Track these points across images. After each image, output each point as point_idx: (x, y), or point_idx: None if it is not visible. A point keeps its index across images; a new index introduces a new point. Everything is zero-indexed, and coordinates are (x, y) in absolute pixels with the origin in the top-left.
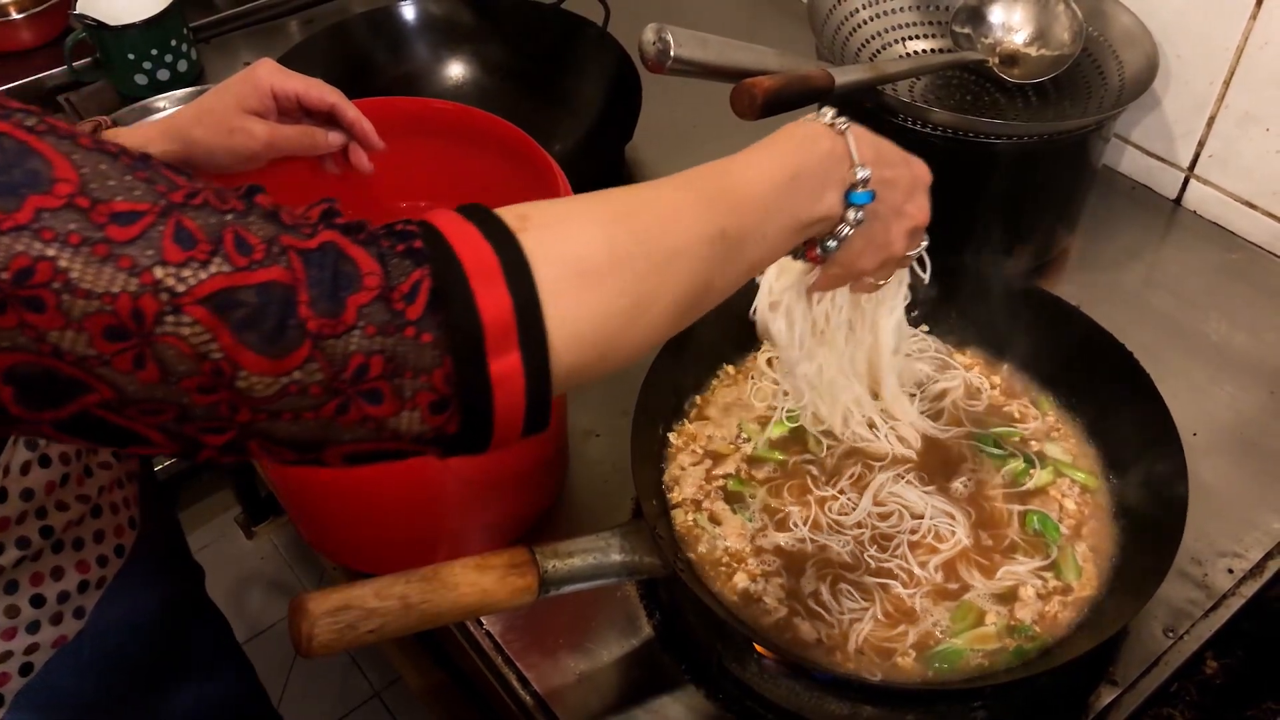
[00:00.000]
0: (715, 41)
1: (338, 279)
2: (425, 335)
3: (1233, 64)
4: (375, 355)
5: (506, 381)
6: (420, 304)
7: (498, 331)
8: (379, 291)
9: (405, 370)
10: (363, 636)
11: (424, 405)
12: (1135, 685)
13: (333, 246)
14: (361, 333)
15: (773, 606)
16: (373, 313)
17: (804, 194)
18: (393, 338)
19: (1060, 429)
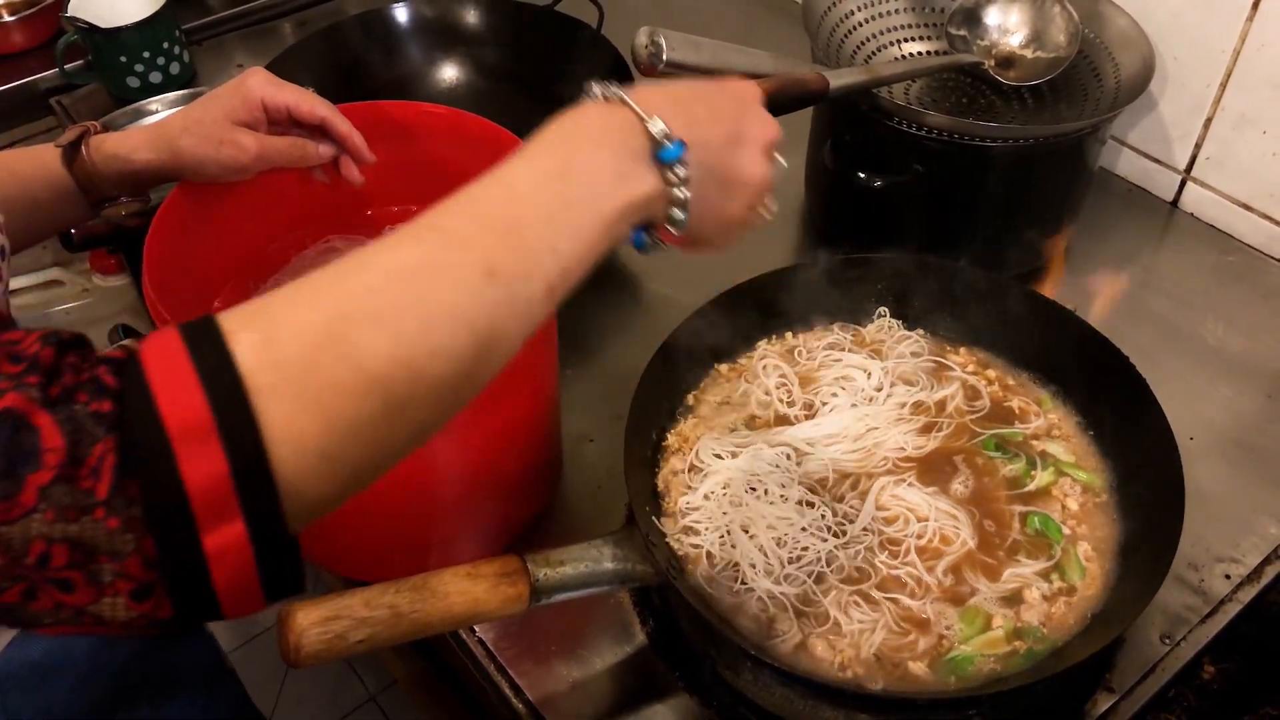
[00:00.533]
0: (709, 44)
1: (15, 455)
2: (112, 521)
3: (1229, 66)
4: (58, 544)
5: (227, 556)
6: (105, 482)
7: (210, 501)
8: (59, 470)
9: (98, 556)
10: (352, 647)
11: (124, 593)
12: (1132, 692)
13: (13, 414)
14: (41, 518)
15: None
16: (55, 494)
17: (594, 183)
18: (77, 523)
19: (1061, 427)
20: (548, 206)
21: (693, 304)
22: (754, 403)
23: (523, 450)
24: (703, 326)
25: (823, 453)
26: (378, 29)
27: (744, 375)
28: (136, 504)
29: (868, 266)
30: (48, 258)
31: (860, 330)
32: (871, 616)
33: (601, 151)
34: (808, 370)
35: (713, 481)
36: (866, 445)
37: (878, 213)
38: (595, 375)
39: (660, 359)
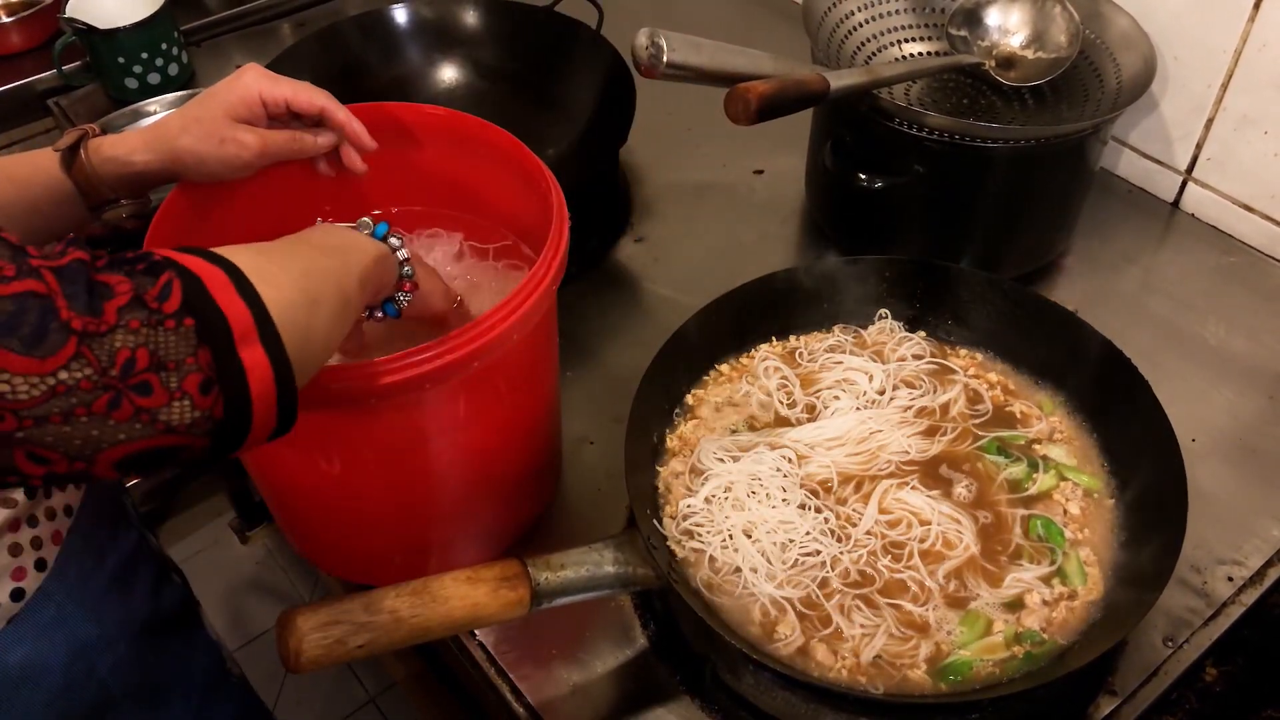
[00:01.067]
0: (709, 46)
1: (92, 290)
2: (186, 320)
3: (1231, 66)
4: (141, 348)
5: (256, 368)
6: (175, 300)
7: (241, 328)
8: (132, 295)
9: (169, 361)
10: (352, 652)
11: (193, 390)
12: (1135, 695)
13: (81, 264)
14: (125, 329)
15: (777, 618)
16: (132, 312)
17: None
18: (155, 330)
19: (1063, 431)
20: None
21: (693, 305)
22: (755, 404)
23: (523, 452)
24: (704, 328)
25: (825, 455)
26: (376, 30)
27: (745, 376)
28: (193, 324)
29: (868, 268)
30: None
31: (861, 332)
32: (873, 621)
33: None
34: (809, 372)
35: (714, 484)
36: (870, 448)
37: (878, 214)
38: (595, 377)
39: (661, 360)
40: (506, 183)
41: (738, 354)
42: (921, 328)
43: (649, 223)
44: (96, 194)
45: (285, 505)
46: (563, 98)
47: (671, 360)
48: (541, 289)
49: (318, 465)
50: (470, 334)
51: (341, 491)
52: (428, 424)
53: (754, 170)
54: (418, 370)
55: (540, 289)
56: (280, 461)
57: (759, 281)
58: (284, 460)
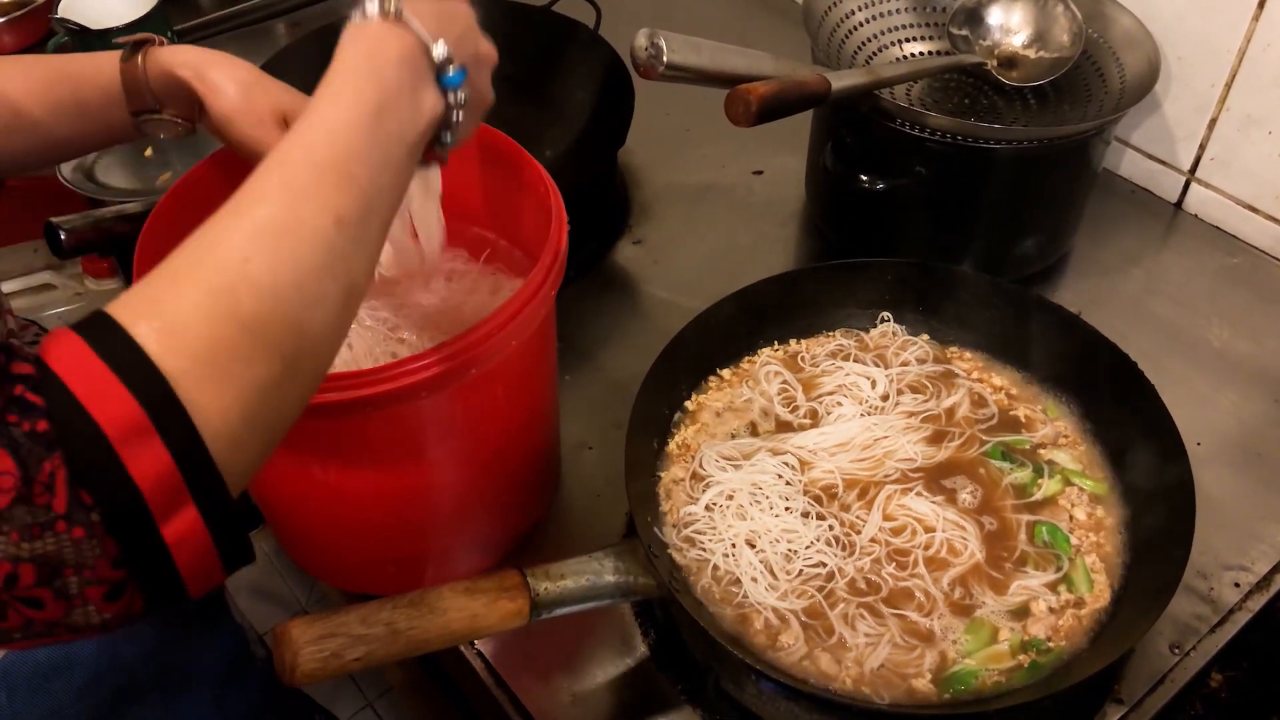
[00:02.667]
0: (709, 46)
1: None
2: (77, 530)
3: (1234, 66)
4: (24, 564)
5: (187, 541)
6: (61, 496)
7: (162, 494)
8: (16, 492)
9: (64, 569)
10: (348, 665)
11: (96, 599)
12: (1142, 703)
13: None
14: (6, 540)
15: (780, 628)
16: (14, 516)
17: (401, 117)
18: (41, 539)
19: (1068, 435)
20: (370, 148)
21: (692, 308)
22: (756, 409)
23: (521, 459)
24: (704, 332)
25: (829, 461)
26: None
27: (746, 381)
28: (94, 510)
29: (870, 271)
30: (40, 261)
31: (863, 336)
32: (877, 630)
33: (402, 82)
34: (811, 376)
35: (715, 491)
36: (875, 455)
37: (879, 215)
38: (594, 381)
39: (661, 365)
40: (503, 185)
41: (738, 358)
42: (924, 331)
43: (647, 225)
44: (139, 97)
45: (280, 514)
46: (560, 98)
47: (671, 365)
48: (540, 294)
49: (312, 474)
50: (467, 340)
51: (337, 500)
52: (424, 432)
53: (753, 171)
54: (414, 378)
55: (538, 294)
56: (274, 470)
57: (759, 285)
58: (278, 469)
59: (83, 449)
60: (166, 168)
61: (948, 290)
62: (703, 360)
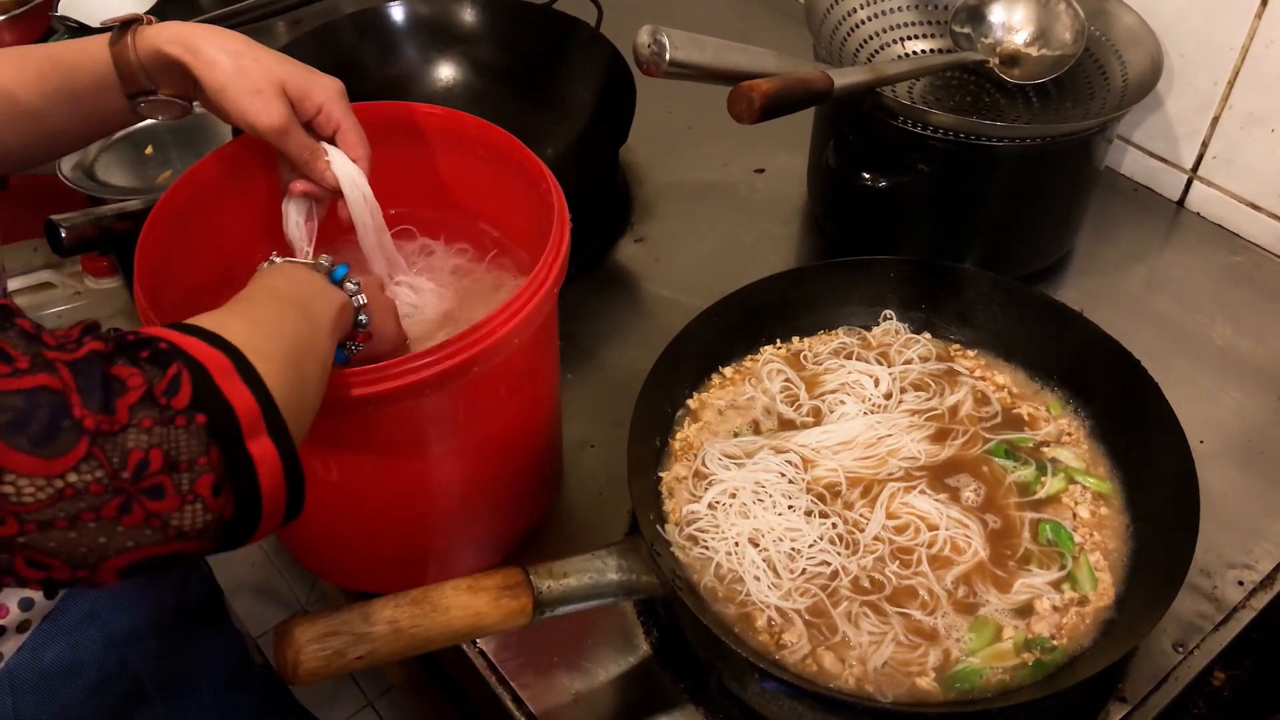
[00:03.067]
0: (712, 44)
1: (107, 385)
2: (198, 417)
3: (1237, 64)
4: (154, 449)
5: (265, 461)
6: (184, 395)
7: (249, 420)
8: (145, 390)
9: (180, 462)
10: (351, 663)
11: (205, 492)
12: (1145, 701)
13: (97, 356)
14: (138, 428)
15: (783, 626)
16: (144, 409)
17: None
18: (167, 428)
19: (1071, 433)
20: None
21: (693, 306)
22: (759, 407)
23: (524, 457)
24: (706, 330)
25: (832, 459)
26: (373, 28)
27: (748, 380)
28: (204, 421)
29: (872, 269)
30: (39, 260)
31: (866, 334)
32: (881, 628)
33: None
34: (813, 374)
35: (718, 489)
36: (879, 453)
37: (881, 213)
38: (595, 379)
39: (663, 364)
40: (505, 183)
41: (741, 357)
42: (927, 329)
43: (649, 223)
44: (133, 80)
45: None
46: (561, 96)
47: (674, 363)
48: (542, 292)
49: (315, 472)
50: (470, 339)
51: (339, 499)
52: (427, 430)
53: (755, 169)
54: (417, 376)
55: (541, 292)
56: None
57: (762, 283)
58: None
59: (195, 373)
60: (166, 166)
61: (950, 288)
62: (705, 358)
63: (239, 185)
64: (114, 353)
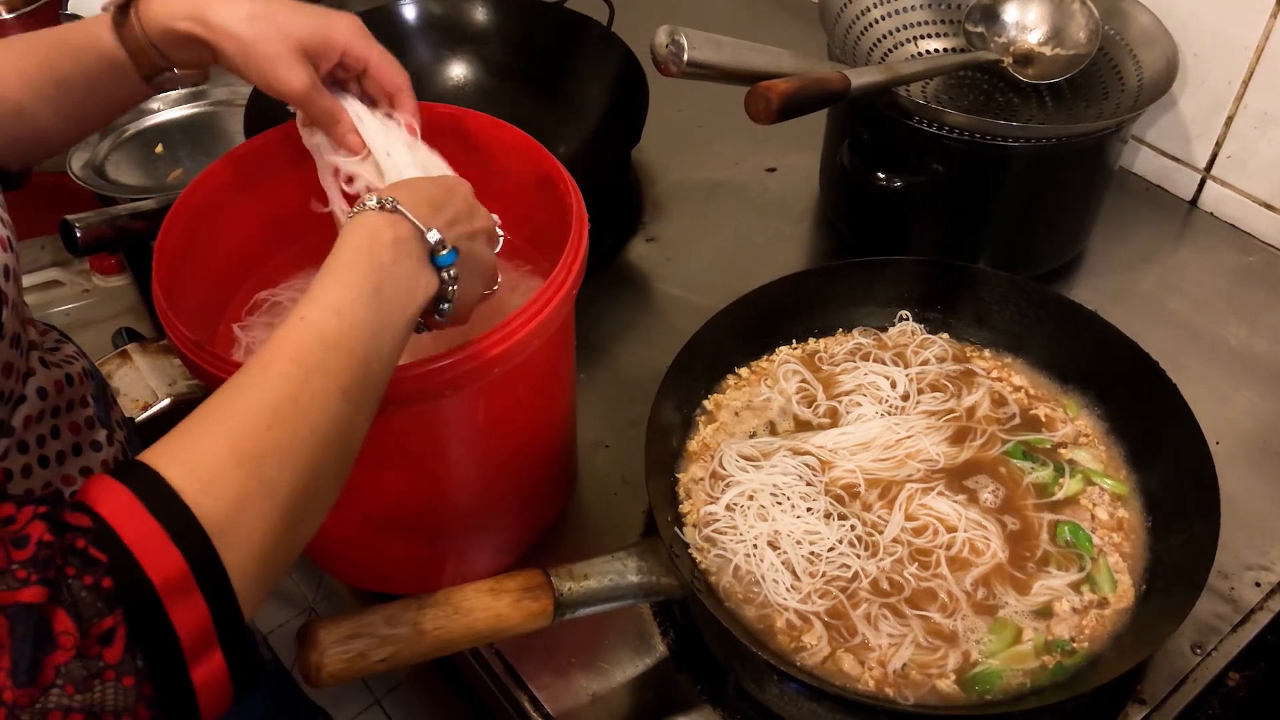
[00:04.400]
0: (729, 43)
1: (39, 641)
2: (126, 679)
3: (1252, 64)
4: (74, 713)
5: (211, 681)
6: (118, 648)
7: (197, 642)
8: (76, 651)
9: (105, 715)
10: (374, 665)
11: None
12: (1164, 703)
13: (34, 609)
14: (60, 691)
15: (803, 628)
16: (71, 670)
17: (399, 295)
18: (92, 691)
19: (1089, 435)
20: (371, 325)
21: (706, 305)
22: (775, 408)
23: (541, 457)
24: (722, 331)
25: (850, 461)
26: (384, 26)
27: (764, 380)
28: (140, 658)
29: (888, 269)
30: (47, 258)
31: (882, 335)
32: (900, 631)
33: (399, 265)
34: (830, 375)
35: (736, 491)
36: (898, 455)
37: (894, 213)
38: (609, 380)
39: (679, 364)
40: (520, 183)
41: (756, 357)
42: (943, 329)
43: (660, 222)
44: (147, 60)
45: None
46: (573, 96)
47: (690, 364)
48: (562, 293)
49: None
50: (492, 339)
51: (357, 498)
52: (447, 430)
53: (767, 168)
54: (439, 377)
55: (561, 293)
56: None
57: (777, 283)
58: None
59: (137, 604)
60: (177, 164)
61: (966, 288)
62: (721, 359)
63: (254, 185)
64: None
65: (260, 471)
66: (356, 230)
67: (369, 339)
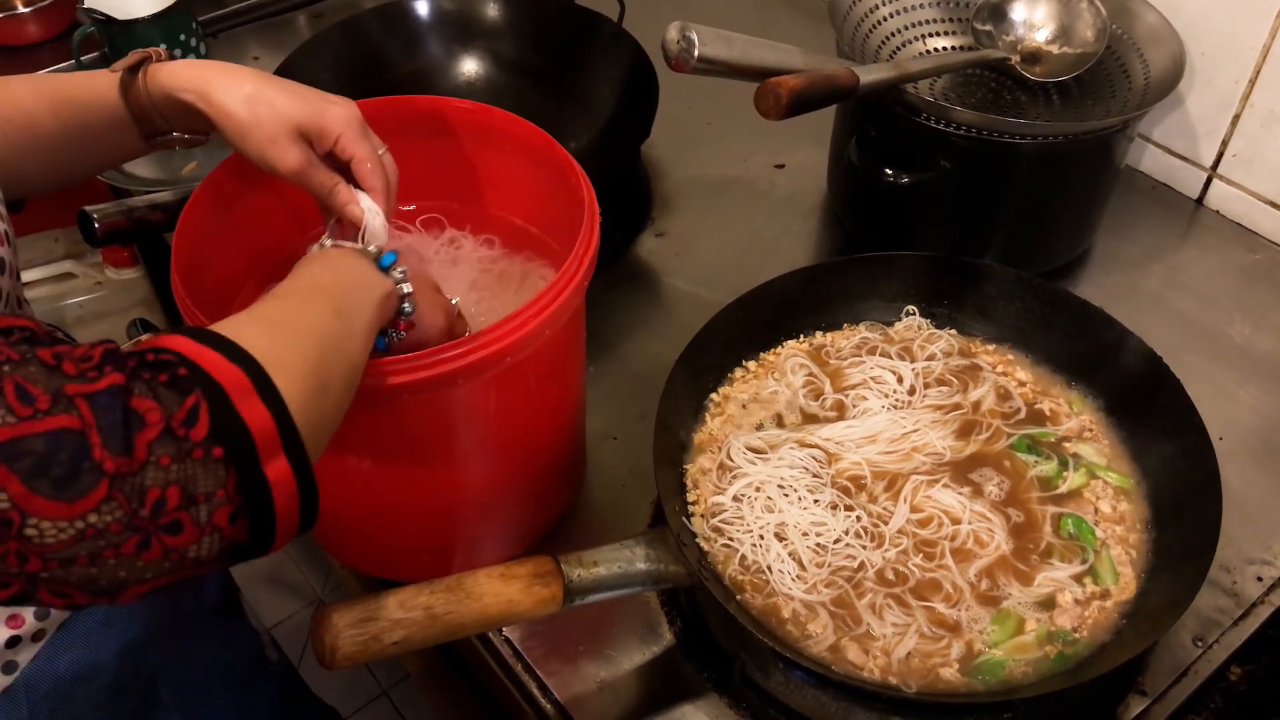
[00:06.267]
0: (739, 40)
1: (126, 421)
2: (215, 450)
3: (1259, 62)
4: (171, 486)
5: (281, 484)
6: (202, 426)
7: (265, 441)
8: (163, 425)
9: (198, 495)
10: (386, 649)
11: (222, 523)
12: (1165, 695)
13: (116, 390)
14: (156, 465)
15: (808, 617)
16: (162, 446)
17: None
18: (184, 463)
19: (1093, 429)
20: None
21: (714, 301)
22: (782, 401)
23: (551, 448)
24: (730, 324)
25: (856, 453)
26: (396, 22)
27: (771, 374)
28: (221, 453)
29: (895, 264)
30: (60, 250)
31: (888, 329)
32: (904, 621)
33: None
34: (836, 369)
35: (743, 482)
36: (904, 448)
37: (902, 209)
38: (617, 373)
39: (688, 356)
40: (533, 178)
41: (763, 351)
42: (949, 324)
43: (669, 217)
44: (149, 122)
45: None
46: (584, 92)
47: (698, 357)
48: (573, 285)
49: (347, 461)
50: (503, 330)
51: (370, 487)
52: (458, 420)
53: (775, 165)
54: (450, 366)
55: (572, 285)
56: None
57: (785, 277)
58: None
59: (212, 399)
60: (191, 158)
61: (973, 284)
62: (728, 352)
63: (269, 178)
64: (132, 381)
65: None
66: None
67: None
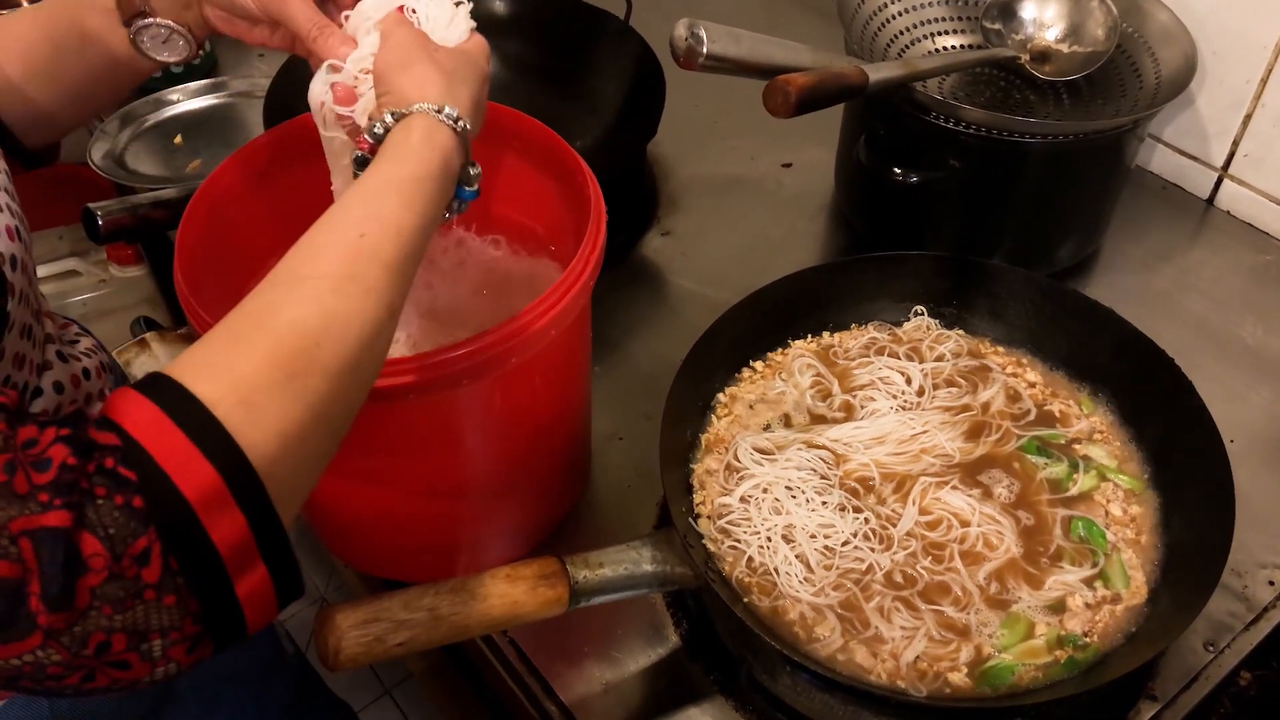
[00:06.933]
0: (748, 37)
1: (69, 565)
2: (167, 598)
3: (1270, 62)
4: (116, 634)
5: (254, 595)
6: (155, 567)
7: (237, 556)
8: (109, 573)
9: (151, 634)
10: (391, 650)
11: (179, 655)
12: (1175, 700)
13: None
14: (99, 613)
15: (815, 620)
16: (107, 591)
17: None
18: (132, 610)
19: (1103, 431)
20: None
21: (720, 300)
22: (789, 402)
23: (556, 448)
24: (738, 324)
25: (864, 454)
26: None
27: (779, 374)
28: (180, 574)
29: (904, 264)
30: (64, 248)
31: (897, 329)
32: (913, 624)
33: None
34: (844, 369)
35: (750, 484)
36: (913, 450)
37: (910, 209)
38: (623, 373)
39: (695, 356)
40: (539, 176)
41: (770, 351)
42: (958, 325)
43: (676, 216)
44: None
45: (314, 499)
46: (590, 90)
47: (705, 356)
48: (580, 284)
49: (352, 461)
50: (509, 329)
51: (374, 487)
52: (463, 419)
53: (782, 164)
54: (455, 366)
55: (578, 284)
56: None
57: (792, 278)
58: None
59: (171, 521)
60: (195, 155)
61: (982, 284)
62: (735, 352)
63: (273, 176)
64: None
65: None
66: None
67: (416, 261)
